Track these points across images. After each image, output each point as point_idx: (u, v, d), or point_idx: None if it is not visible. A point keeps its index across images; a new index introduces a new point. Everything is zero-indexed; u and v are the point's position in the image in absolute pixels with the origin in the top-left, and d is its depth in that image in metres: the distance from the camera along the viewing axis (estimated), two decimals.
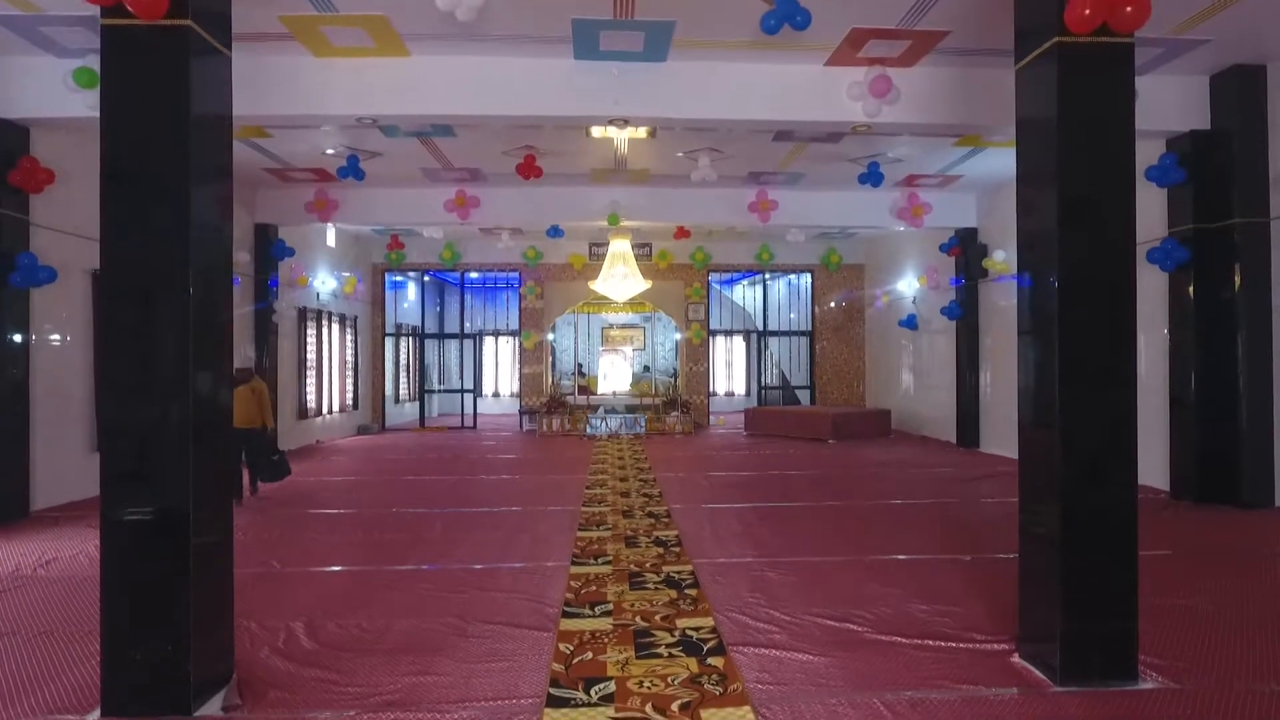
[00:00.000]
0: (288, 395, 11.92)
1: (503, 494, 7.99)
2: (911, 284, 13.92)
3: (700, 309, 16.05)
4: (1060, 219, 3.13)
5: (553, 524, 6.32)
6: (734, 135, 8.75)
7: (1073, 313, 3.11)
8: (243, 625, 3.84)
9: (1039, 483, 3.26)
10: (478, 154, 9.47)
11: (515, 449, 12.13)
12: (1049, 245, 3.18)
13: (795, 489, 8.19)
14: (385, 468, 10.02)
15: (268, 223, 11.19)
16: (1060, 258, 3.12)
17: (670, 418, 14.41)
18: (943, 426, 12.75)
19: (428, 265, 15.88)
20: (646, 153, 9.52)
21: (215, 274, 3.12)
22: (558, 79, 6.66)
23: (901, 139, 8.88)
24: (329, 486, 8.52)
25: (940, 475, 9.00)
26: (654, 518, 6.53)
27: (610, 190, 11.10)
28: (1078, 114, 3.13)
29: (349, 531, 6.13)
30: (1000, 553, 5.26)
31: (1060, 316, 3.10)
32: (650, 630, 3.76)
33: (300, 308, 12.37)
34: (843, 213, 11.74)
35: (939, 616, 3.95)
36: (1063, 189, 3.14)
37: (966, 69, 6.83)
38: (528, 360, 16.13)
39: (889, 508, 7.11)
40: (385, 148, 9.15)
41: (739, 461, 10.45)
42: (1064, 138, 3.14)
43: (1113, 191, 3.17)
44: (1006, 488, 8.03)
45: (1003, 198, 10.89)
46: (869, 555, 5.26)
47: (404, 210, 11.41)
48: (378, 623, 3.91)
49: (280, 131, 8.50)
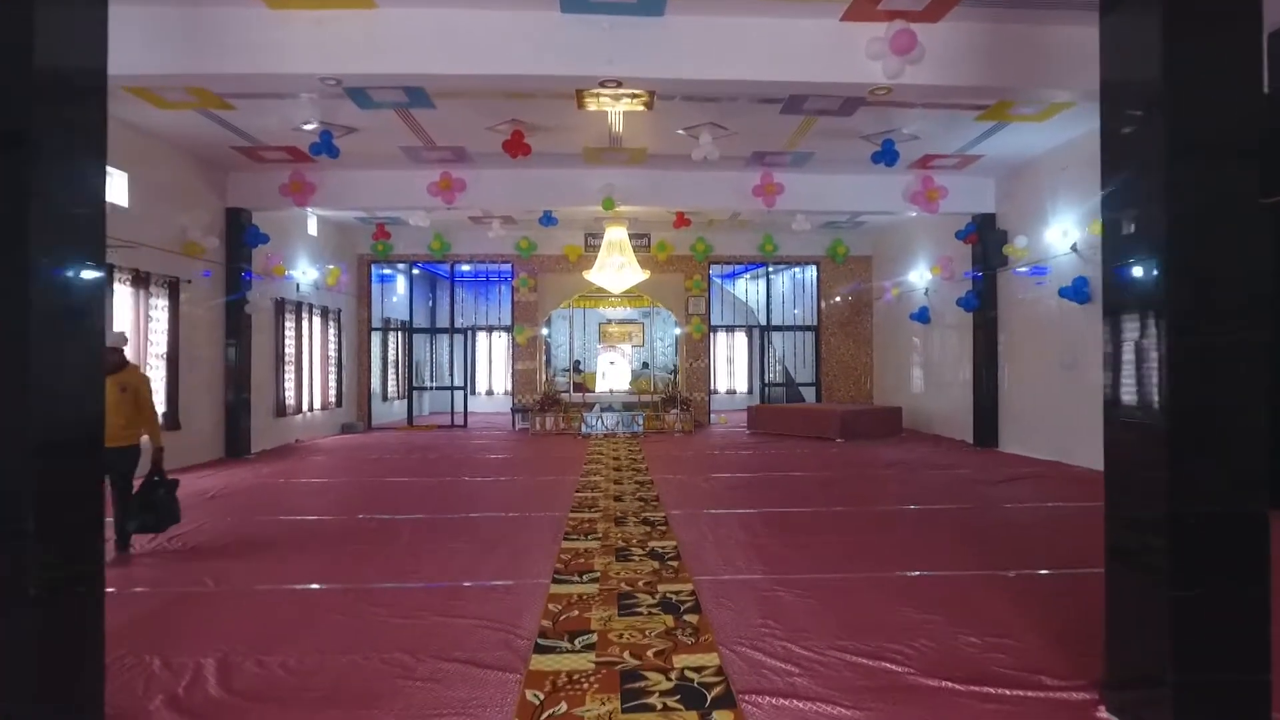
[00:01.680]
0: (264, 392, 11.22)
1: (485, 498, 7.29)
2: (923, 275, 13.21)
3: (701, 302, 15.34)
4: (1166, 193, 2.43)
5: (536, 533, 5.62)
6: (738, 107, 8.05)
7: (1183, 286, 2.41)
8: (143, 663, 3.15)
9: (1136, 493, 2.56)
10: (461, 129, 8.77)
11: (505, 448, 11.43)
12: (1151, 220, 2.48)
13: (805, 493, 7.48)
14: (363, 469, 9.32)
15: (240, 207, 10.49)
16: (1170, 230, 2.42)
17: (669, 416, 13.71)
18: (957, 425, 12.04)
19: (416, 256, 15.17)
20: (643, 128, 8.82)
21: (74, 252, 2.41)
22: (543, 34, 5.96)
23: (918, 112, 8.18)
24: (294, 490, 7.82)
25: (960, 477, 8.30)
26: (650, 525, 5.83)
27: (605, 172, 10.39)
28: (1188, 75, 2.44)
29: (304, 542, 5.42)
30: (1044, 567, 4.57)
31: (1170, 289, 2.41)
32: (641, 672, 3.06)
33: (278, 299, 11.66)
34: (853, 197, 11.03)
35: (993, 651, 3.24)
36: (1173, 174, 2.44)
37: (998, 24, 6.14)
38: (521, 356, 15.42)
39: (910, 514, 6.41)
40: (360, 122, 8.44)
41: (742, 462, 9.75)
42: (1171, 106, 2.44)
43: (1231, 163, 2.46)
44: (1036, 491, 7.34)
45: (1025, 180, 10.19)
46: (894, 570, 4.56)
47: (386, 194, 10.70)
48: (309, 660, 3.21)
49: (245, 103, 7.79)
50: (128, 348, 5.96)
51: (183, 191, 9.45)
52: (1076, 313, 9.00)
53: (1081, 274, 8.80)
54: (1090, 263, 8.76)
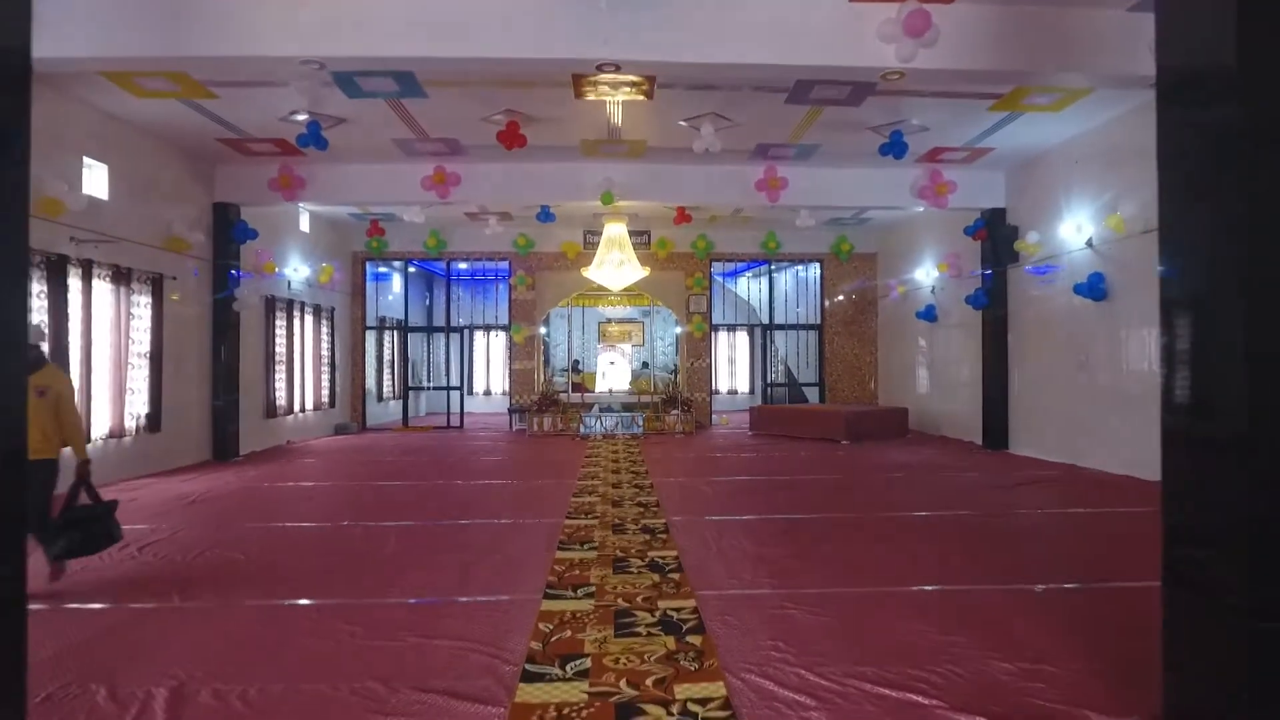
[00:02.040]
0: (254, 392, 10.92)
1: (477, 503, 6.98)
2: (930, 273, 12.90)
3: (702, 301, 15.02)
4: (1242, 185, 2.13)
5: (529, 541, 5.31)
6: (741, 97, 7.74)
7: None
8: (88, 693, 2.84)
9: (1202, 508, 2.25)
10: (454, 121, 8.46)
11: (501, 450, 11.13)
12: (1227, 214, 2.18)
13: (812, 497, 7.18)
14: (352, 472, 9.01)
15: (228, 202, 10.18)
16: (1250, 223, 2.12)
17: (670, 416, 13.39)
18: (965, 426, 11.73)
19: (411, 254, 14.86)
20: (642, 120, 8.51)
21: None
22: (535, 13, 5.65)
23: (928, 102, 7.87)
24: (278, 495, 7.51)
25: (973, 481, 7.99)
26: (649, 533, 5.52)
27: (603, 166, 10.08)
28: (1267, 58, 2.13)
29: (283, 552, 5.12)
30: (1073, 581, 4.26)
31: (1251, 285, 2.10)
32: (639, 704, 2.75)
33: (268, 296, 11.35)
34: (859, 192, 10.72)
35: (1030, 680, 2.93)
36: (1252, 164, 2.13)
37: (1015, 5, 5.85)
38: (518, 355, 15.11)
39: (924, 521, 6.10)
40: (350, 112, 8.14)
41: (746, 465, 9.44)
42: (1247, 92, 2.13)
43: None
44: (1053, 496, 7.03)
45: (1037, 173, 9.87)
46: (912, 584, 4.25)
47: (378, 188, 10.39)
48: (271, 688, 2.90)
49: (229, 91, 7.49)
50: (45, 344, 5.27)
51: (167, 185, 9.14)
52: (1090, 310, 8.69)
53: (1097, 270, 8.49)
54: (1107, 258, 8.45)
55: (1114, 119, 8.25)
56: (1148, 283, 7.79)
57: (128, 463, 8.30)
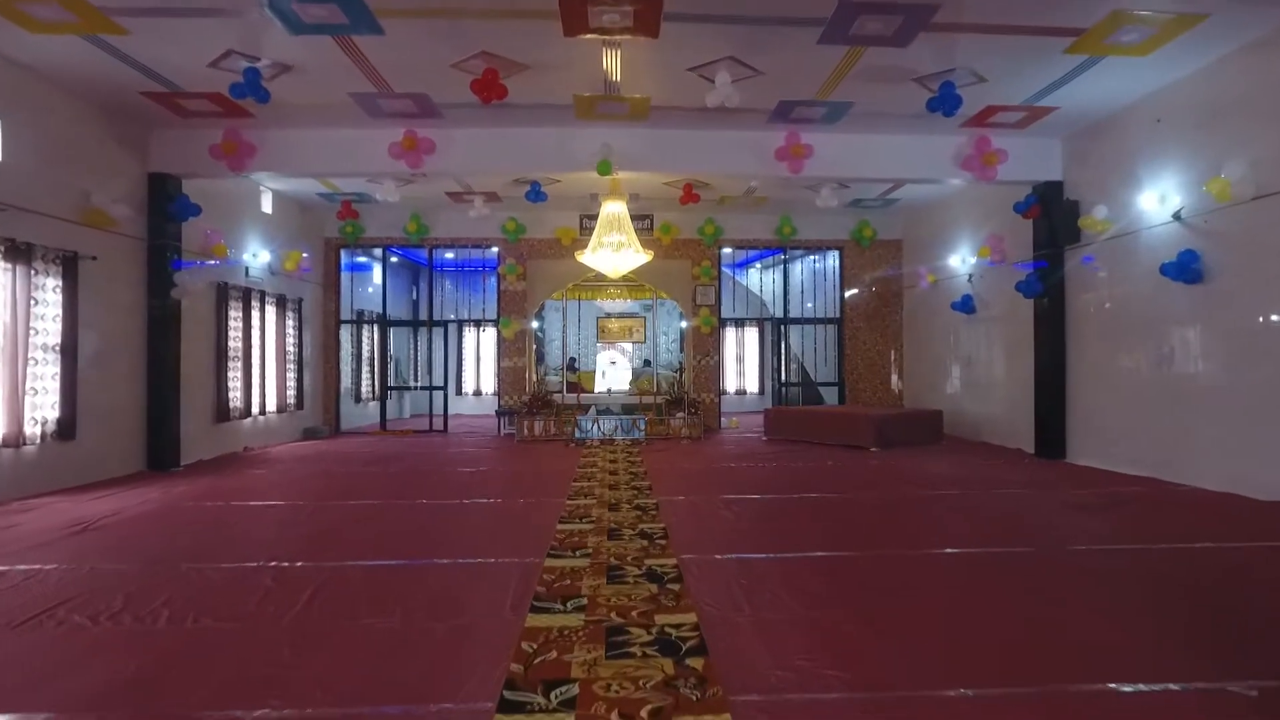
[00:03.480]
0: (200, 392, 9.55)
1: (440, 531, 5.61)
2: (966, 259, 11.52)
3: (710, 292, 13.64)
4: None
5: (492, 595, 3.93)
6: (764, 34, 6.37)
7: None
8: None
9: None
10: (421, 68, 7.08)
11: (484, 459, 9.75)
12: None
13: (856, 523, 5.80)
14: (304, 487, 7.62)
15: (166, 172, 8.80)
16: None
17: (675, 420, 12.01)
18: (1011, 431, 10.34)
19: (390, 240, 13.48)
20: (645, 68, 7.14)
21: None
22: None
23: (990, 42, 6.52)
24: (198, 519, 6.12)
25: (1046, 501, 6.61)
26: (656, 581, 4.14)
27: (600, 130, 8.71)
28: None
29: (168, 605, 3.71)
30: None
31: None
32: None
33: (220, 283, 9.99)
34: (892, 164, 9.34)
35: None
36: None
37: None
38: (508, 352, 13.73)
39: (1016, 560, 4.68)
40: (295, 56, 6.78)
41: (766, 478, 8.06)
42: None
43: None
44: (1161, 522, 5.61)
45: (1103, 138, 8.48)
46: (1050, 683, 2.86)
47: (340, 158, 9.01)
48: None
49: (139, 23, 6.11)
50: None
51: (86, 149, 7.77)
52: (1179, 295, 7.30)
53: (1190, 247, 7.10)
54: (1202, 234, 7.06)
55: (1213, 64, 6.85)
56: (1261, 259, 6.41)
57: (29, 478, 6.93)
